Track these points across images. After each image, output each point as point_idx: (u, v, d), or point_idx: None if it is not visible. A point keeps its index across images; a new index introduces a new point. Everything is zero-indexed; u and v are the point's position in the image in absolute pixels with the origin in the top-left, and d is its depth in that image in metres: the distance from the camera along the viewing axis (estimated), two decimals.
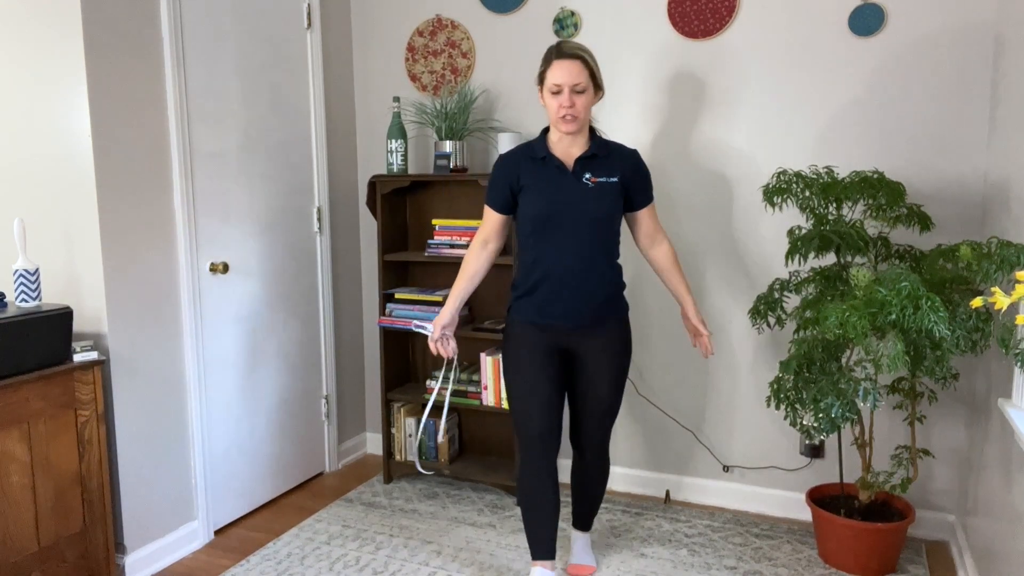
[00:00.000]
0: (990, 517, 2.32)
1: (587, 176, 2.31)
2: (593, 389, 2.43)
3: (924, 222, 2.56)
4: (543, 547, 2.43)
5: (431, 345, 2.42)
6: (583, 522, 2.68)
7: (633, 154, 2.41)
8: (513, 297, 2.44)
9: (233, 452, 3.04)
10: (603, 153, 2.34)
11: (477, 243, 2.45)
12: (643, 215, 2.44)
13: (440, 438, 2.67)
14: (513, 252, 3.01)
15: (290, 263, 3.29)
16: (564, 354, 2.43)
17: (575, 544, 2.69)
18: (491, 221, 2.43)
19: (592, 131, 2.38)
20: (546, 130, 2.39)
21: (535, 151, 2.35)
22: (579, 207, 2.29)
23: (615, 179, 2.33)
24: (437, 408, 3.44)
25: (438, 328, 2.41)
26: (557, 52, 2.27)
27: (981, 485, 2.48)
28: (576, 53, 2.26)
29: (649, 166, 3.11)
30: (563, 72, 2.23)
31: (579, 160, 2.32)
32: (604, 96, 2.55)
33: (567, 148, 2.34)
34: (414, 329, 2.62)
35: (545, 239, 2.32)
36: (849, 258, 2.63)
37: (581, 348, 2.40)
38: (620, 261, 2.46)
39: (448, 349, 2.43)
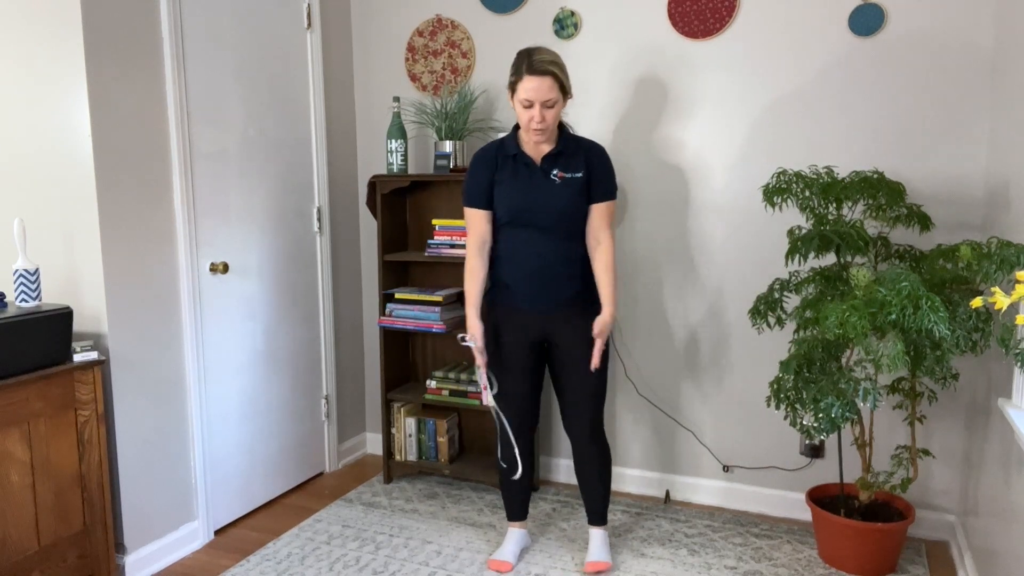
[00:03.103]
0: (990, 517, 2.32)
1: (555, 172, 2.46)
2: (574, 374, 2.54)
3: (924, 222, 2.56)
4: (516, 511, 2.77)
5: (478, 356, 2.54)
6: (596, 516, 2.70)
7: (600, 150, 2.52)
8: (490, 285, 2.59)
9: (233, 452, 3.04)
10: (570, 150, 2.48)
11: (474, 248, 2.54)
12: (594, 209, 2.50)
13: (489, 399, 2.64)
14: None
15: (290, 263, 3.29)
16: (542, 344, 2.58)
17: (591, 541, 2.71)
18: (479, 221, 2.53)
19: (561, 127, 2.50)
20: (517, 127, 2.51)
21: (507, 148, 2.49)
22: (547, 202, 2.44)
23: (580, 174, 2.46)
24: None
25: (480, 339, 2.52)
26: (528, 66, 2.33)
27: (981, 485, 2.48)
28: (547, 69, 2.33)
29: (646, 166, 3.12)
30: (534, 88, 2.32)
31: (547, 157, 2.46)
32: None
33: (537, 146, 2.47)
34: (462, 343, 2.72)
35: (516, 232, 2.48)
36: (849, 258, 2.63)
37: (557, 335, 2.53)
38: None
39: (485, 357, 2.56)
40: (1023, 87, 2.22)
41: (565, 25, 3.17)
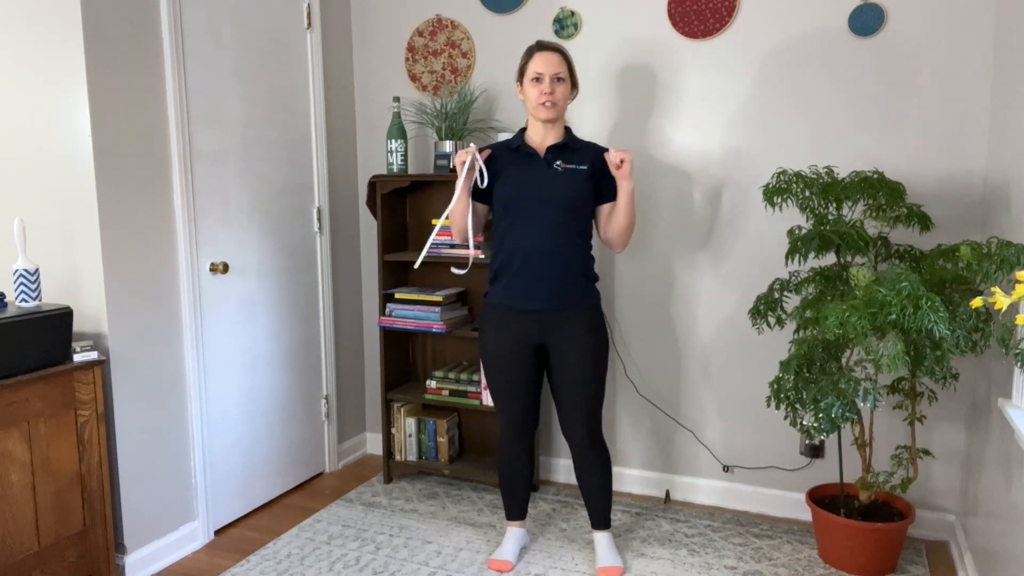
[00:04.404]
0: (990, 517, 2.32)
1: (557, 163, 2.49)
2: (570, 380, 2.53)
3: (924, 222, 2.56)
4: (515, 511, 2.77)
5: (473, 155, 2.43)
6: (599, 520, 2.68)
7: (605, 150, 2.54)
8: (488, 282, 2.60)
9: (233, 452, 3.04)
10: (575, 146, 2.52)
11: None
12: (610, 207, 2.56)
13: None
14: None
15: (290, 263, 3.29)
16: (539, 348, 2.57)
17: (598, 547, 2.69)
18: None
19: (567, 129, 2.55)
20: (522, 130, 2.56)
21: (510, 143, 2.55)
22: (547, 191, 2.46)
23: (584, 167, 2.49)
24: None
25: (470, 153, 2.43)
26: (538, 46, 2.49)
27: (981, 485, 2.48)
28: (557, 47, 2.49)
29: (645, 164, 3.12)
30: (544, 62, 2.45)
31: (551, 148, 2.50)
32: (579, 94, 2.85)
33: (541, 139, 2.52)
34: (464, 152, 2.49)
35: (515, 222, 2.48)
36: (849, 258, 2.63)
37: (554, 339, 2.52)
38: (598, 267, 2.50)
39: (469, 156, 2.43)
40: (1023, 87, 2.22)
41: (565, 25, 3.17)
